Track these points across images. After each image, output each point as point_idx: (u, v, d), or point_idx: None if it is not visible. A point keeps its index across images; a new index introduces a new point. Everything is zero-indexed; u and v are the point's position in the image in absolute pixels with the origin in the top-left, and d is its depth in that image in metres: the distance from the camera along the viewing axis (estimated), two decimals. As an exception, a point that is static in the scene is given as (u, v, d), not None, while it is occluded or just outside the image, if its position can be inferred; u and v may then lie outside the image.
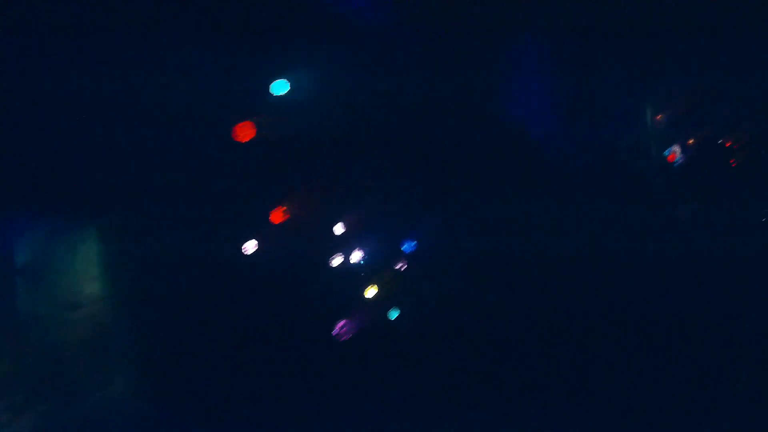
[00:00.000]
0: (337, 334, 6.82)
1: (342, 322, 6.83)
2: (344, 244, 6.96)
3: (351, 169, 6.81)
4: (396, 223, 7.03)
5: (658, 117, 8.18)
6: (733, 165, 7.72)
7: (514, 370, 6.62)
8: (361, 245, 7.00)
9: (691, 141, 8.14)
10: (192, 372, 6.38)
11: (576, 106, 7.74)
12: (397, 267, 7.27)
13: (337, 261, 6.93)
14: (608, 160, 7.73)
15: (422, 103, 6.77)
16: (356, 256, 7.05)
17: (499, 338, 6.84)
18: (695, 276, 6.82)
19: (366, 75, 6.52)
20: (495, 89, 7.36)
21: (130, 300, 6.48)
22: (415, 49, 6.60)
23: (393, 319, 7.11)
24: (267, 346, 6.52)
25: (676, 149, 8.02)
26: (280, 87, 6.16)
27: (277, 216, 6.67)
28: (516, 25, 7.28)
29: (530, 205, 7.13)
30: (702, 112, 8.04)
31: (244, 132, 6.23)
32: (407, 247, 7.22)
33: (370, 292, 7.06)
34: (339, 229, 6.97)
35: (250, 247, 6.58)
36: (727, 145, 7.69)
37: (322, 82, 6.38)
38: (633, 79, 7.78)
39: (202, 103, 6.11)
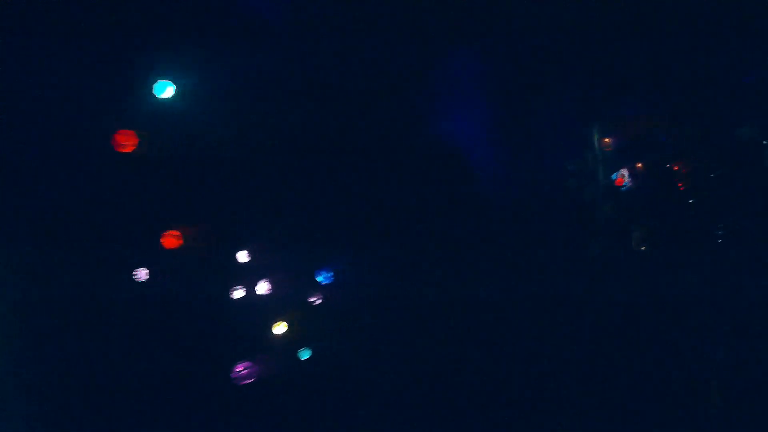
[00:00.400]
0: (236, 378, 5.85)
1: (242, 365, 5.86)
2: (248, 274, 6.00)
3: (256, 186, 5.90)
4: (310, 249, 6.10)
5: (606, 140, 7.64)
6: (682, 189, 7.24)
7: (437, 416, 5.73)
8: (269, 275, 6.03)
9: (639, 165, 7.63)
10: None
11: (516, 129, 7.06)
12: (311, 300, 6.35)
13: (239, 293, 5.98)
14: (551, 184, 7.03)
15: (336, 114, 5.98)
16: (262, 288, 6.10)
17: (423, 383, 5.94)
18: (644, 302, 6.33)
19: (272, 78, 5.71)
20: (423, 108, 6.63)
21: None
22: (326, 51, 5.85)
23: (304, 359, 6.13)
24: (153, 392, 5.49)
25: (624, 173, 7.45)
26: (162, 88, 5.28)
27: (170, 241, 5.71)
28: (447, 36, 6.63)
29: (462, 231, 6.38)
30: (650, 136, 7.72)
31: (126, 140, 5.32)
32: (323, 277, 6.28)
33: (279, 328, 6.08)
34: (243, 257, 6.02)
35: (142, 275, 5.61)
36: (675, 169, 7.35)
37: (221, 84, 5.53)
38: (577, 101, 7.44)
39: (77, 107, 5.18)
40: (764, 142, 7.16)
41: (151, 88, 5.37)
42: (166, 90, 5.34)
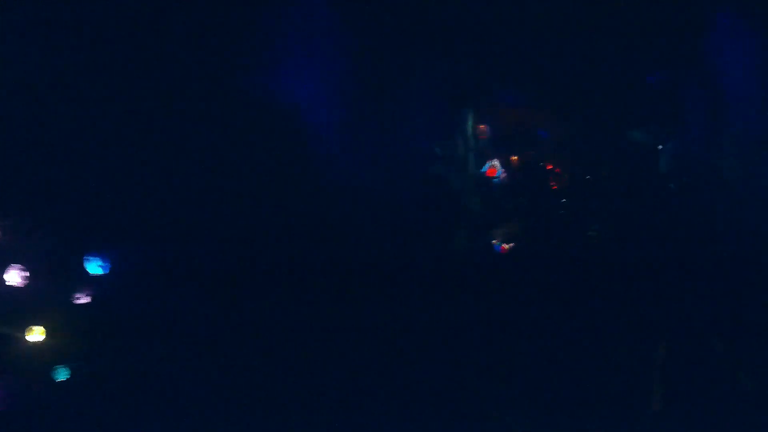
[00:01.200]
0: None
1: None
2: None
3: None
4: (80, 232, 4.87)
5: (481, 127, 6.98)
6: (555, 188, 6.93)
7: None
8: (21, 258, 4.67)
9: (514, 158, 7.05)
10: None
11: (373, 109, 6.22)
12: (77, 298, 4.99)
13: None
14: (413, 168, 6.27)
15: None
16: (13, 276, 4.71)
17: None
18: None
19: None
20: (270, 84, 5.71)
21: None
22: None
23: (61, 380, 4.80)
24: None
25: (495, 164, 6.81)
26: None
27: None
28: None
29: (292, 220, 5.48)
30: (531, 130, 7.27)
31: None
32: (97, 265, 4.93)
33: (34, 335, 4.78)
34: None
35: None
36: (549, 167, 7.04)
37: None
38: (451, 82, 6.72)
39: None
40: (659, 147, 6.93)
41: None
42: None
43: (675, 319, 5.39)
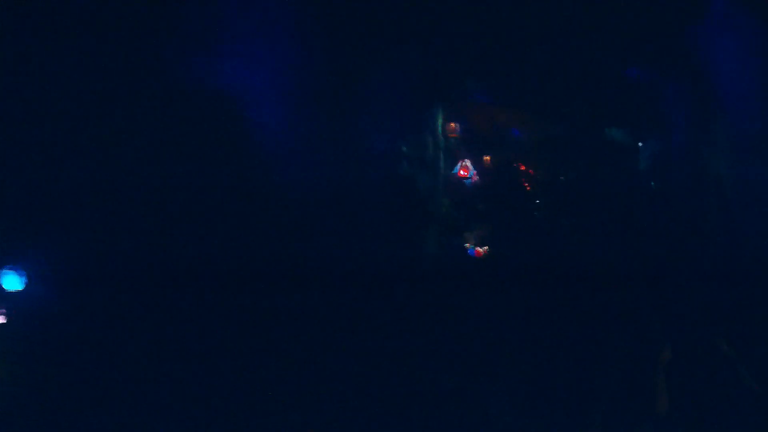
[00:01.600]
0: None
1: None
2: None
3: None
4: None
5: (452, 125, 6.55)
6: (528, 189, 6.66)
7: None
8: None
9: (487, 158, 6.65)
10: None
11: (334, 104, 5.75)
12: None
13: None
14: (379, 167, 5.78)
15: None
16: None
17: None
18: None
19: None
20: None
21: None
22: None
23: None
24: None
25: (468, 164, 6.37)
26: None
27: None
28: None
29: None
30: (504, 129, 6.93)
31: None
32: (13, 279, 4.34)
33: None
34: None
35: None
36: (522, 168, 6.73)
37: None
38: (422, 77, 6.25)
39: None
40: (639, 144, 6.66)
41: None
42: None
43: (654, 320, 5.17)
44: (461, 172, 6.49)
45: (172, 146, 4.99)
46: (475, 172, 6.50)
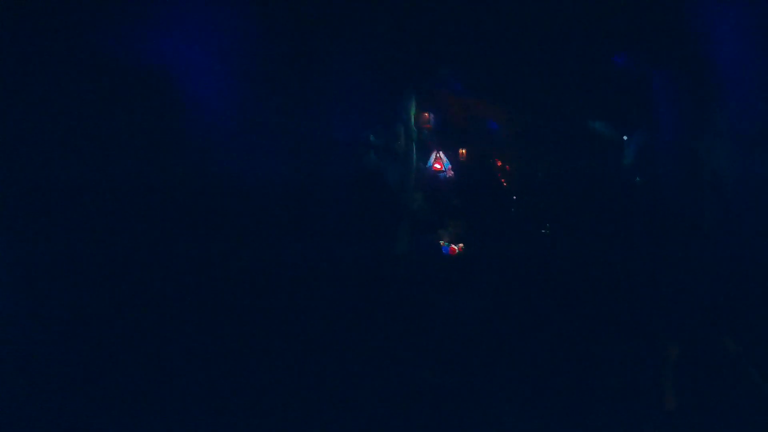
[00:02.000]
0: None
1: None
2: None
3: None
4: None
5: (425, 115, 6.21)
6: (505, 184, 6.48)
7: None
8: None
9: (462, 151, 6.32)
10: None
11: (298, 92, 5.33)
12: None
13: None
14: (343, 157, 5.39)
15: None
16: None
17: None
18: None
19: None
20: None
21: None
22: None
23: None
24: None
25: (442, 157, 6.00)
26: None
27: None
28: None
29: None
30: (481, 121, 6.84)
31: None
32: None
33: None
34: None
35: None
36: (499, 164, 6.65)
37: None
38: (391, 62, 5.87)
39: None
40: (624, 137, 6.46)
41: None
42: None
43: (635, 316, 4.91)
44: (435, 166, 6.14)
45: (123, 138, 4.56)
46: (449, 165, 6.15)
